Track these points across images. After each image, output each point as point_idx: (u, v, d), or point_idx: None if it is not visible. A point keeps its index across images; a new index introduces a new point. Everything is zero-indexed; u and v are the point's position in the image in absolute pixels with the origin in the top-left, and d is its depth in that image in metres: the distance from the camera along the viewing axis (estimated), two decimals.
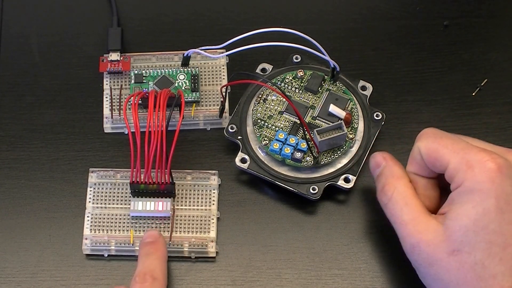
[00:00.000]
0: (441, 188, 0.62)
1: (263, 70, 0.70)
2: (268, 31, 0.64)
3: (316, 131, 0.65)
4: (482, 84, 0.72)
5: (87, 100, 0.71)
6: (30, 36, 0.74)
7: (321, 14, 0.75)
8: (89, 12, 0.75)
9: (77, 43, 0.74)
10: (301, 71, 0.69)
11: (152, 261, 0.62)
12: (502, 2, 0.76)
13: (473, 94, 0.72)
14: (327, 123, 0.67)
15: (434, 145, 0.59)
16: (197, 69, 0.70)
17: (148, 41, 0.73)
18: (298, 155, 0.65)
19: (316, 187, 0.65)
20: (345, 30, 0.75)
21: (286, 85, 0.69)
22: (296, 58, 0.70)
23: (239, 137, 0.67)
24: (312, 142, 0.65)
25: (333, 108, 0.67)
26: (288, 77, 0.69)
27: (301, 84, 0.69)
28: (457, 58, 0.73)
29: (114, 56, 0.70)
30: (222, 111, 0.69)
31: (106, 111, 0.70)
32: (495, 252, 0.55)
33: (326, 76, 0.69)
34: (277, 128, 0.67)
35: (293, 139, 0.66)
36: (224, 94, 0.68)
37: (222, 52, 0.68)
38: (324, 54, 0.65)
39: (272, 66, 0.70)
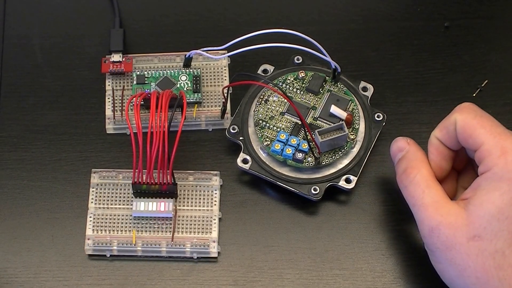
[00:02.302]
0: (454, 166, 0.63)
1: (265, 71, 0.70)
2: (269, 32, 0.64)
3: (317, 131, 0.65)
4: (482, 85, 0.72)
5: (89, 101, 0.71)
6: (32, 37, 0.74)
7: (322, 15, 0.76)
8: (91, 13, 0.76)
9: (79, 44, 0.74)
10: (302, 72, 0.69)
11: None
12: (503, 3, 0.76)
13: (474, 95, 0.72)
14: (328, 124, 0.67)
15: (473, 122, 0.59)
16: (199, 70, 0.70)
17: (150, 42, 0.74)
18: (300, 155, 0.66)
19: (317, 187, 0.66)
20: (346, 31, 0.75)
21: (288, 86, 0.69)
22: (298, 59, 0.71)
23: (240, 138, 0.68)
24: (314, 142, 0.65)
25: (334, 109, 0.67)
26: (289, 78, 0.69)
27: (303, 85, 0.69)
28: (458, 59, 0.74)
29: (116, 57, 0.71)
30: (223, 112, 0.69)
31: (108, 112, 0.70)
32: None
33: (327, 77, 0.69)
34: (278, 129, 0.67)
35: (294, 139, 0.66)
36: (225, 95, 0.68)
37: (224, 53, 0.68)
38: (325, 55, 0.65)
39: (273, 67, 0.70)
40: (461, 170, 0.64)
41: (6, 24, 0.75)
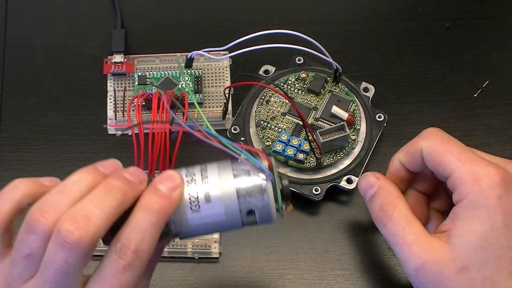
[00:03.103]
0: (423, 190, 0.62)
1: (266, 71, 0.70)
2: (271, 33, 0.64)
3: (319, 132, 0.65)
4: (483, 85, 0.72)
5: (91, 102, 0.72)
6: (34, 38, 0.74)
7: (324, 16, 0.76)
8: (93, 14, 0.76)
9: (80, 45, 0.74)
10: (303, 72, 0.70)
11: (147, 226, 0.49)
12: (503, 4, 0.77)
13: (475, 95, 0.72)
14: (330, 125, 0.67)
15: (440, 149, 0.58)
16: (200, 70, 0.71)
17: (152, 43, 0.74)
18: (301, 156, 0.66)
19: (318, 188, 0.66)
20: (348, 32, 0.75)
21: (289, 87, 0.69)
22: (299, 60, 0.71)
23: (242, 138, 0.68)
24: (315, 143, 0.66)
25: (335, 110, 0.67)
26: (290, 78, 0.70)
27: (304, 86, 0.69)
28: (459, 59, 0.74)
29: (118, 58, 0.71)
30: (225, 112, 0.69)
31: (110, 113, 0.70)
32: (503, 266, 0.55)
33: (328, 78, 0.69)
34: (280, 130, 0.67)
35: (296, 140, 0.66)
36: (227, 95, 0.68)
37: (225, 54, 0.68)
38: (326, 56, 0.65)
39: (275, 68, 0.70)
40: (431, 193, 0.63)
41: (8, 25, 0.75)
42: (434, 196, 0.63)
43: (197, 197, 0.50)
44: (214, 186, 0.50)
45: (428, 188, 0.62)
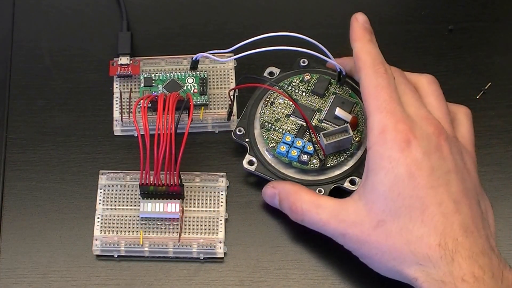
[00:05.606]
0: None
1: (271, 73, 0.71)
2: (275, 35, 0.65)
3: (323, 134, 0.66)
4: (486, 87, 0.73)
5: (97, 103, 0.72)
6: (41, 40, 0.75)
7: (328, 18, 0.76)
8: (99, 17, 0.76)
9: (87, 47, 0.74)
10: (308, 74, 0.70)
11: None
12: (506, 7, 0.77)
13: (477, 97, 0.73)
14: (333, 126, 0.68)
15: (372, 89, 0.61)
16: (205, 72, 0.71)
17: (157, 45, 0.74)
18: (305, 157, 0.66)
19: (322, 189, 0.66)
20: None
21: (293, 89, 0.70)
22: (303, 62, 0.71)
23: (246, 140, 0.68)
24: (319, 144, 0.66)
25: (339, 111, 0.68)
26: (295, 80, 0.70)
27: (308, 88, 0.70)
28: (462, 62, 0.74)
29: (124, 60, 0.71)
30: (230, 114, 0.70)
31: (116, 114, 0.70)
32: (415, 215, 0.57)
33: (332, 80, 0.70)
34: (284, 131, 0.68)
35: (299, 141, 0.66)
36: (232, 97, 0.68)
37: (230, 56, 0.69)
38: (330, 58, 0.65)
39: (279, 70, 0.71)
40: None
41: (15, 27, 0.75)
42: None
43: None
44: None
45: None
